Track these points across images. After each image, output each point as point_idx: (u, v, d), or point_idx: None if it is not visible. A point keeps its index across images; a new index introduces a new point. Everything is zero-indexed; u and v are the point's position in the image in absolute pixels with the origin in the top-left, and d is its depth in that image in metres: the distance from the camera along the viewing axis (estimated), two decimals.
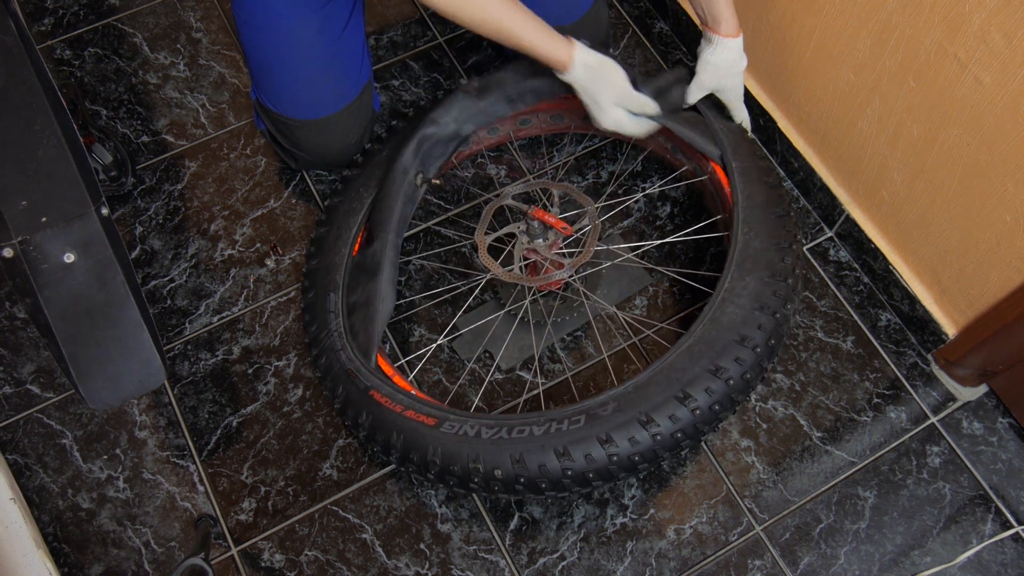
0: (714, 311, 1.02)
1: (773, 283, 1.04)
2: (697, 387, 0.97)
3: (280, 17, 1.17)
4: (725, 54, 1.13)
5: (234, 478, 1.18)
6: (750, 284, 1.03)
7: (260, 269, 1.33)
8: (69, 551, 1.14)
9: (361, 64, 1.27)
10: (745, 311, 1.01)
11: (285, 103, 1.25)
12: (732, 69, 1.15)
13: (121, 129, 1.46)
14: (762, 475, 1.16)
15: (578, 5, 1.30)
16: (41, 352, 1.26)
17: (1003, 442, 1.18)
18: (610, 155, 1.41)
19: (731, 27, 1.11)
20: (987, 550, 1.11)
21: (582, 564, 1.11)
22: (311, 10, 1.17)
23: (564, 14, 1.28)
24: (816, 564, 1.11)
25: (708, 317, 1.01)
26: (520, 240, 1.17)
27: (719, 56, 1.13)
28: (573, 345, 1.26)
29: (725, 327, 1.00)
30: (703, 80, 1.16)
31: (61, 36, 1.55)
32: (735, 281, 1.04)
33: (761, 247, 1.07)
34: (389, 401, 1.03)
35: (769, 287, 1.03)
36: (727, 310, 1.02)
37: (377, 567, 1.12)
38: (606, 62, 1.10)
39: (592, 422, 0.96)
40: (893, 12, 1.02)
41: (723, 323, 1.01)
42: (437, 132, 1.22)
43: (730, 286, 1.03)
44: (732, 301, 1.02)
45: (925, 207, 1.13)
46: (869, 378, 1.22)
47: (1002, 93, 0.92)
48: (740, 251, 1.06)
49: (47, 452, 1.20)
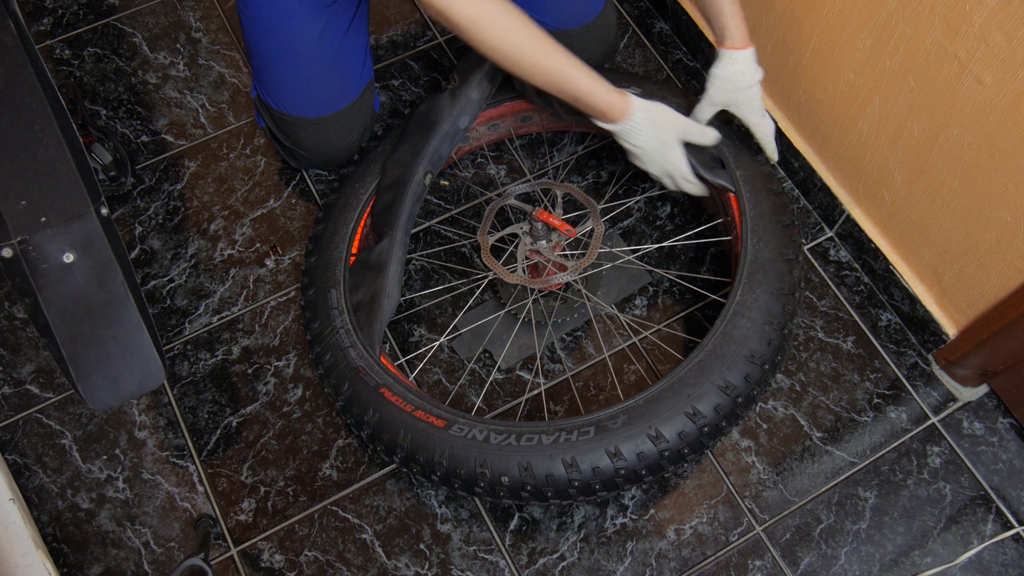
0: (725, 324, 1.02)
1: (782, 297, 1.04)
2: (707, 404, 0.98)
3: (286, 16, 1.17)
4: (732, 66, 1.10)
5: (234, 478, 1.18)
6: (761, 298, 1.04)
7: (260, 269, 1.33)
8: (68, 551, 1.14)
9: (363, 64, 1.28)
10: (756, 326, 1.02)
11: (286, 101, 1.25)
12: (741, 81, 1.11)
13: (121, 129, 1.45)
14: (762, 475, 1.16)
15: (588, 10, 1.29)
16: (41, 352, 1.26)
17: (1004, 442, 1.17)
18: (610, 155, 1.41)
19: (737, 39, 1.09)
20: (988, 550, 1.11)
21: (582, 564, 1.11)
22: (317, 9, 1.17)
23: (574, 19, 1.27)
24: (816, 564, 1.11)
25: (720, 331, 1.02)
26: (523, 241, 1.17)
27: (726, 69, 1.10)
28: (573, 345, 1.26)
29: (737, 341, 1.01)
30: (712, 95, 1.13)
31: (61, 36, 1.55)
32: (746, 294, 1.04)
33: (770, 257, 1.07)
34: (400, 400, 1.03)
35: (779, 301, 1.04)
36: (739, 323, 1.02)
37: (377, 567, 1.12)
38: (659, 104, 1.10)
39: (601, 434, 0.96)
40: (893, 12, 1.02)
41: (735, 337, 1.01)
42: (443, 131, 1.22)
43: (741, 299, 1.04)
44: (744, 315, 1.03)
45: (925, 207, 1.13)
46: (869, 378, 1.22)
47: (1003, 93, 0.92)
48: (751, 263, 1.06)
49: (46, 452, 1.20)
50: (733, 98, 1.12)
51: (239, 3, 1.18)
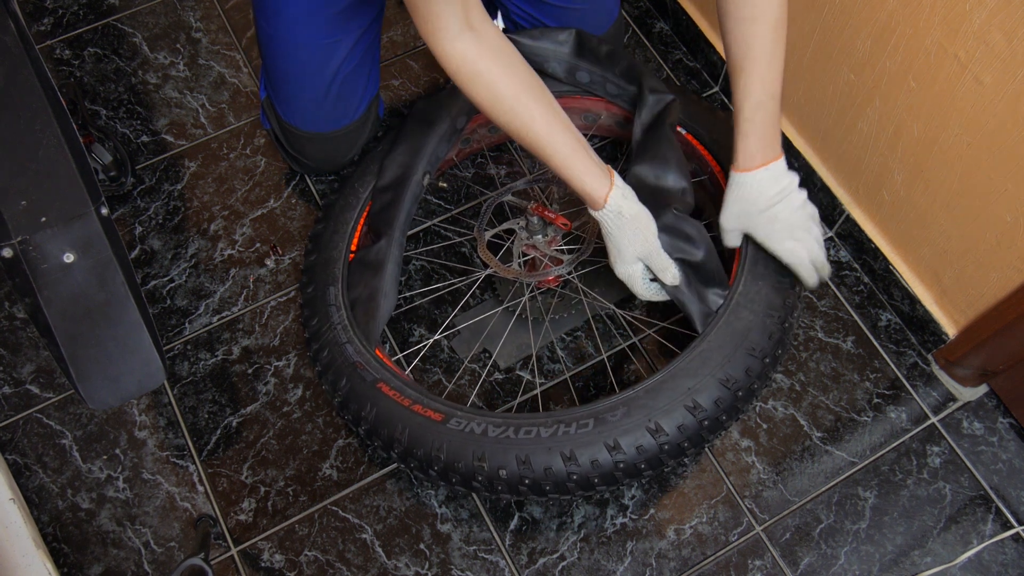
0: (728, 315, 1.01)
1: (784, 291, 1.04)
2: (707, 397, 0.97)
3: (305, 39, 1.15)
4: (736, 190, 0.98)
5: (234, 478, 1.18)
6: (763, 290, 1.03)
7: (260, 269, 1.33)
8: (69, 551, 1.14)
9: (370, 78, 1.28)
10: (758, 318, 1.01)
11: (295, 115, 1.26)
12: (751, 207, 0.98)
13: (121, 129, 1.45)
14: (762, 475, 1.16)
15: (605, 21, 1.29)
16: (41, 352, 1.26)
17: (1003, 442, 1.18)
18: (610, 154, 1.41)
19: (740, 160, 0.97)
20: (987, 550, 1.11)
21: (582, 564, 1.11)
22: (336, 34, 1.16)
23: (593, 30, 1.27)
24: (816, 564, 1.11)
25: (722, 321, 1.01)
26: (519, 236, 1.17)
27: (731, 193, 0.99)
28: (572, 344, 1.26)
29: (739, 332, 1.00)
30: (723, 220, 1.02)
31: (61, 36, 1.55)
32: (748, 285, 1.03)
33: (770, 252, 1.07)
34: (398, 395, 1.03)
35: (780, 294, 1.03)
36: (741, 315, 1.01)
37: (377, 567, 1.12)
38: (640, 214, 0.99)
39: (600, 427, 0.95)
40: (893, 12, 1.02)
41: (737, 328, 1.00)
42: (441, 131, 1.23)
43: (743, 290, 1.03)
44: (745, 306, 1.02)
45: (925, 207, 1.13)
46: (869, 378, 1.22)
47: (1002, 93, 0.92)
48: (752, 255, 1.05)
49: (47, 452, 1.20)
50: (746, 224, 1.01)
51: (258, 17, 1.17)
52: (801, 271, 1.00)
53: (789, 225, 0.98)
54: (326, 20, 1.14)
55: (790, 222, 0.98)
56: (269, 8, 1.13)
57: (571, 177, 0.97)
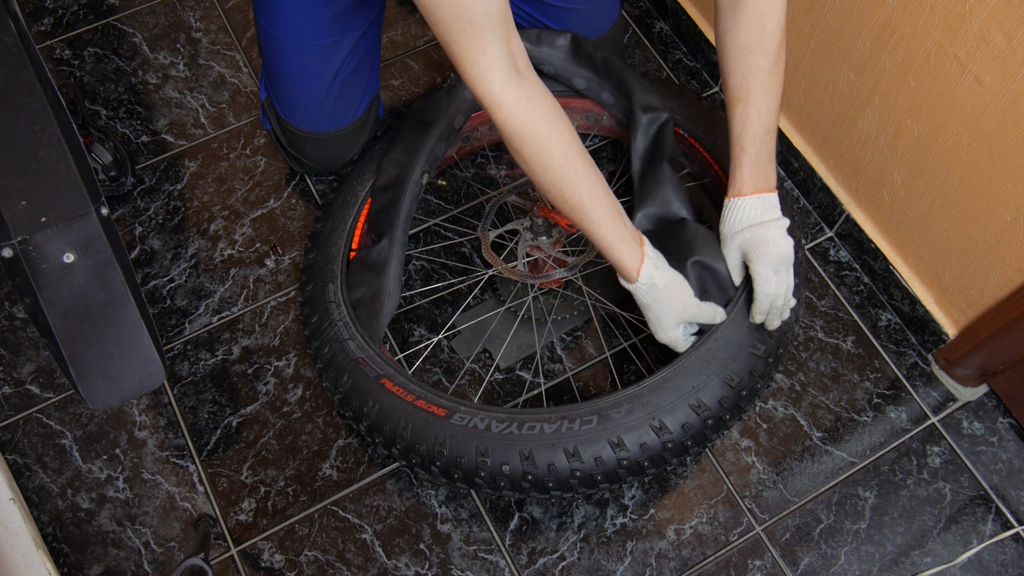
0: (733, 313, 1.01)
1: None
2: (711, 396, 0.97)
3: (306, 41, 1.15)
4: (727, 213, 0.98)
5: (234, 478, 1.18)
6: None
7: (260, 269, 1.33)
8: (69, 551, 1.14)
9: (370, 79, 1.28)
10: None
11: (296, 115, 1.26)
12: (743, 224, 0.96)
13: (121, 129, 1.45)
14: (762, 475, 1.16)
15: (605, 22, 1.29)
16: (41, 352, 1.26)
17: (1003, 442, 1.18)
18: (611, 155, 1.41)
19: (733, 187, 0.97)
20: (988, 550, 1.11)
21: (582, 564, 1.11)
22: (337, 37, 1.16)
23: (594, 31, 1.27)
24: (816, 564, 1.11)
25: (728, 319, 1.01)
26: (524, 237, 1.17)
27: (726, 215, 0.98)
28: (573, 344, 1.26)
29: (743, 332, 1.00)
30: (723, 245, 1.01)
31: (61, 36, 1.55)
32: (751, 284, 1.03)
33: None
34: (401, 390, 1.02)
35: None
36: (745, 315, 1.01)
37: (377, 567, 1.12)
38: (672, 282, 0.97)
39: (604, 423, 0.95)
40: (893, 12, 1.02)
41: (741, 328, 1.00)
42: (439, 130, 1.22)
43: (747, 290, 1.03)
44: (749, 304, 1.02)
45: (925, 207, 1.13)
46: (869, 378, 1.22)
47: (1002, 93, 0.92)
48: None
49: (47, 452, 1.20)
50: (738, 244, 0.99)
51: (258, 17, 1.17)
52: (763, 303, 0.97)
53: (778, 253, 0.95)
54: (326, 20, 1.14)
55: (779, 249, 0.95)
56: (270, 8, 1.13)
57: (604, 244, 0.94)
